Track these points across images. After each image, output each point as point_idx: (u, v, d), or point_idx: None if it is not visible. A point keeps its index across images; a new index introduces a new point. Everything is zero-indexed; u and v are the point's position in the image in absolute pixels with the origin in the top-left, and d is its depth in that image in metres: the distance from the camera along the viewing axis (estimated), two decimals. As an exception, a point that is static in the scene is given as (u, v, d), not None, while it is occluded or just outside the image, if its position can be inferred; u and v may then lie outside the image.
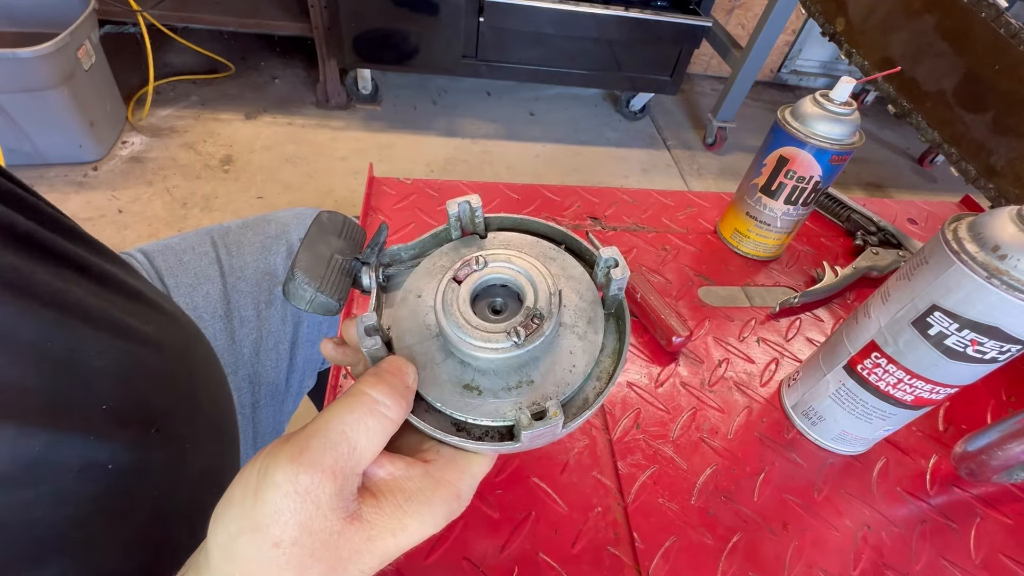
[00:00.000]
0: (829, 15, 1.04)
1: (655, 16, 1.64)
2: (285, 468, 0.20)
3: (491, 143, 1.88)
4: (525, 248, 0.33)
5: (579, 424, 0.28)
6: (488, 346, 0.27)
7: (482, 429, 0.28)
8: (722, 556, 0.36)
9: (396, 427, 0.24)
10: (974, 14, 0.72)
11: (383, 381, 0.24)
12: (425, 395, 0.28)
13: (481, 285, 0.30)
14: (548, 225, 0.34)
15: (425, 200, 0.58)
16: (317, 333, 0.61)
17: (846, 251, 0.62)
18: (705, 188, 1.92)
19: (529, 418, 0.26)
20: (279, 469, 0.20)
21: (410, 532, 0.22)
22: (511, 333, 0.27)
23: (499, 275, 0.30)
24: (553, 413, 0.26)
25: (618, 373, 0.29)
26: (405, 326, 0.30)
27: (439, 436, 0.27)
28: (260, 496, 0.20)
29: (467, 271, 0.29)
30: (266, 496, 0.20)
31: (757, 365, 0.48)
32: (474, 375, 0.28)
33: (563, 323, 0.30)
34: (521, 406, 0.27)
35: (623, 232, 0.59)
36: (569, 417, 0.28)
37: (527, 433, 0.25)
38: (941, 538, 0.39)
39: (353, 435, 0.21)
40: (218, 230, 0.60)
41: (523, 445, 0.27)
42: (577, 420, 0.28)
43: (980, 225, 0.30)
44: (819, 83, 2.56)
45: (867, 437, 0.41)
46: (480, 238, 0.33)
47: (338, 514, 0.20)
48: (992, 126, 0.70)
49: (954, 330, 0.31)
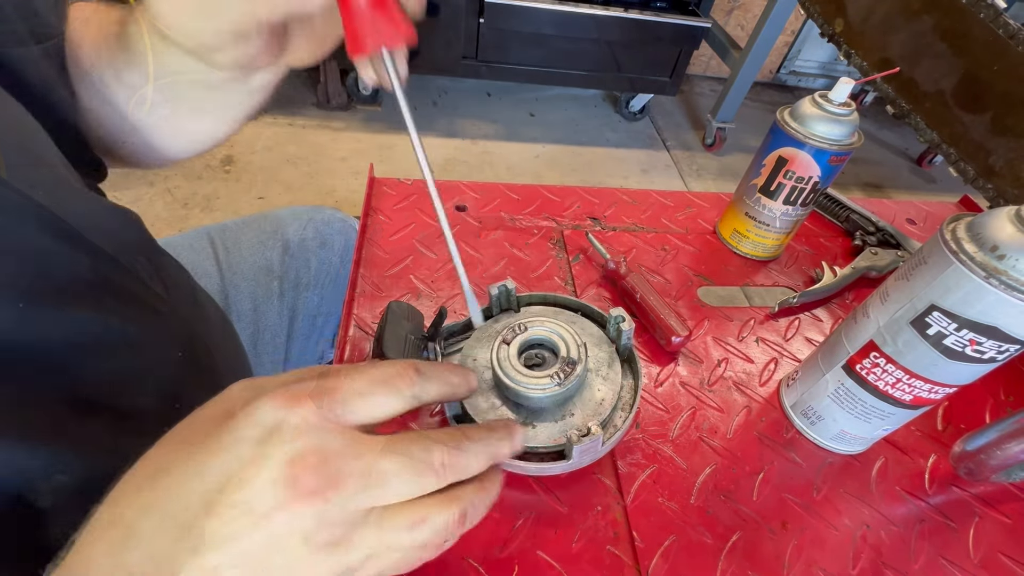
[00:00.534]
0: (828, 16, 1.05)
1: (654, 17, 1.65)
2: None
3: (491, 144, 1.88)
4: (551, 316, 0.41)
5: (614, 443, 0.37)
6: (538, 387, 0.35)
7: (538, 456, 0.36)
8: (721, 555, 0.36)
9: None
10: (973, 15, 0.72)
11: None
12: None
13: (524, 344, 0.38)
14: (567, 298, 0.44)
15: (425, 201, 0.58)
16: (312, 327, 0.62)
17: (845, 251, 0.62)
18: (704, 188, 1.92)
19: (577, 437, 0.33)
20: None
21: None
22: (554, 377, 0.35)
23: (537, 336, 0.38)
24: (595, 431, 0.34)
25: (637, 402, 0.38)
26: None
27: (506, 465, 0.34)
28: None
29: (512, 335, 0.38)
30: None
31: (756, 365, 0.48)
32: (527, 414, 0.37)
33: (589, 369, 0.39)
34: (567, 432, 0.35)
35: (623, 232, 0.60)
36: (606, 438, 0.36)
37: (577, 448, 0.33)
38: (940, 537, 0.39)
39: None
40: (216, 228, 0.60)
41: (573, 463, 0.35)
42: (612, 440, 0.36)
43: (979, 225, 0.30)
44: (818, 84, 2.56)
45: (866, 436, 0.41)
46: (515, 312, 0.43)
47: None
48: (991, 126, 0.70)
49: (953, 330, 0.31)
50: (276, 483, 0.20)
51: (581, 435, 0.34)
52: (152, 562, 0.20)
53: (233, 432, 0.21)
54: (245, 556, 0.20)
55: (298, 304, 0.60)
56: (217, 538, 0.20)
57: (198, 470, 0.21)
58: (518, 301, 0.43)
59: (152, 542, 0.20)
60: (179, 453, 0.22)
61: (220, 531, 0.20)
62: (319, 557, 0.21)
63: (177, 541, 0.20)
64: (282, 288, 0.59)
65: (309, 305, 0.61)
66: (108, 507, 0.21)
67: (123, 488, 0.21)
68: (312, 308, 0.61)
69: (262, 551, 0.20)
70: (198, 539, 0.20)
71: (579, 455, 0.34)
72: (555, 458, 0.35)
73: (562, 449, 0.35)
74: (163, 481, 0.21)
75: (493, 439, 0.27)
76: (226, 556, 0.20)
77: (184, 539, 0.20)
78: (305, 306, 0.61)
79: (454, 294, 0.50)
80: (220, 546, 0.20)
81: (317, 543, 0.21)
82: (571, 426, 0.36)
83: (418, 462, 0.23)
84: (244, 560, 0.20)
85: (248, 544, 0.20)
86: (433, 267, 0.52)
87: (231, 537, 0.20)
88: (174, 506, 0.20)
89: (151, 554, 0.20)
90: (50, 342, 0.27)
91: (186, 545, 0.20)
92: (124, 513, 0.20)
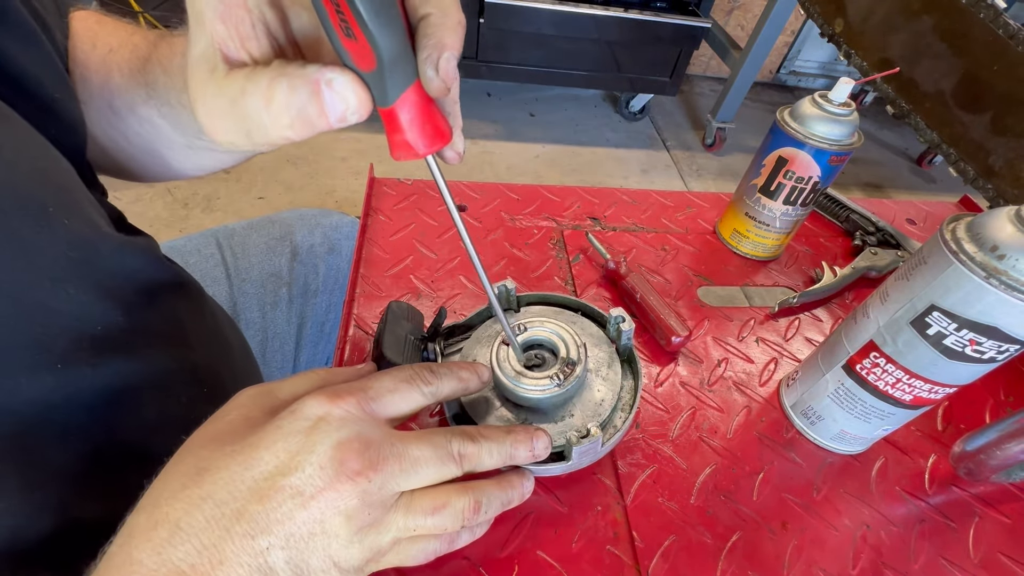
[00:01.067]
0: (828, 16, 1.05)
1: (654, 17, 1.65)
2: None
3: (491, 144, 1.88)
4: (551, 316, 0.41)
5: (614, 444, 0.37)
6: (537, 388, 0.35)
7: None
8: (721, 555, 0.36)
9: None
10: (973, 15, 0.72)
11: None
12: None
13: (524, 345, 0.38)
14: (567, 298, 0.44)
15: (425, 200, 0.58)
16: (320, 334, 0.61)
17: (845, 251, 0.62)
18: (704, 189, 1.92)
19: (577, 439, 0.33)
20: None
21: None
22: (553, 378, 0.35)
23: (536, 336, 0.38)
24: (594, 432, 0.33)
25: (637, 403, 0.38)
26: None
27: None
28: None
29: (512, 335, 0.36)
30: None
31: (756, 365, 0.48)
32: (527, 415, 0.37)
33: (589, 369, 0.39)
34: (567, 433, 0.35)
35: (623, 232, 0.60)
36: (605, 439, 0.35)
37: (576, 449, 0.33)
38: (940, 537, 0.39)
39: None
40: (223, 231, 0.60)
41: (573, 464, 0.35)
42: (611, 441, 0.36)
43: (978, 225, 0.30)
44: (818, 84, 2.56)
45: (866, 436, 0.41)
46: (515, 312, 0.43)
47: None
48: (990, 127, 0.70)
49: (953, 330, 0.31)
50: (323, 467, 0.23)
51: (580, 436, 0.34)
52: (201, 553, 0.21)
53: (280, 427, 0.23)
54: (291, 538, 0.22)
55: (307, 311, 0.60)
56: (268, 521, 0.22)
57: (246, 463, 0.22)
58: (518, 301, 0.43)
59: (202, 534, 0.21)
60: (218, 452, 0.23)
61: (271, 515, 0.22)
62: (356, 538, 0.24)
63: (228, 529, 0.21)
64: (291, 295, 0.59)
65: (317, 311, 0.61)
66: (147, 512, 0.22)
67: (160, 491, 0.23)
68: (320, 315, 0.61)
69: (307, 532, 0.22)
70: (250, 524, 0.22)
71: (578, 456, 0.34)
72: (554, 459, 0.35)
73: (562, 450, 0.35)
74: (209, 477, 0.22)
75: (508, 440, 0.30)
76: (276, 537, 0.22)
77: (235, 525, 0.21)
78: (314, 312, 0.61)
79: (454, 294, 0.50)
80: (270, 528, 0.22)
81: (357, 524, 0.23)
82: (570, 427, 0.36)
83: (440, 449, 0.26)
84: (290, 541, 0.22)
85: (295, 526, 0.22)
86: (433, 267, 0.52)
87: (281, 520, 0.22)
88: (224, 496, 0.22)
89: (201, 546, 0.21)
90: (84, 395, 0.28)
91: (237, 531, 0.21)
92: (169, 512, 0.22)
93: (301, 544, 0.22)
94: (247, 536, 0.21)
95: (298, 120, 0.21)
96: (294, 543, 0.22)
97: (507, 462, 0.30)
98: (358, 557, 0.24)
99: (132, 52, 0.35)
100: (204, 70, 0.22)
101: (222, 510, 0.21)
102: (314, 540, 0.23)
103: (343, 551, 0.23)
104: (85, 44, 0.36)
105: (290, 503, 0.22)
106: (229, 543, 0.21)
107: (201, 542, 0.21)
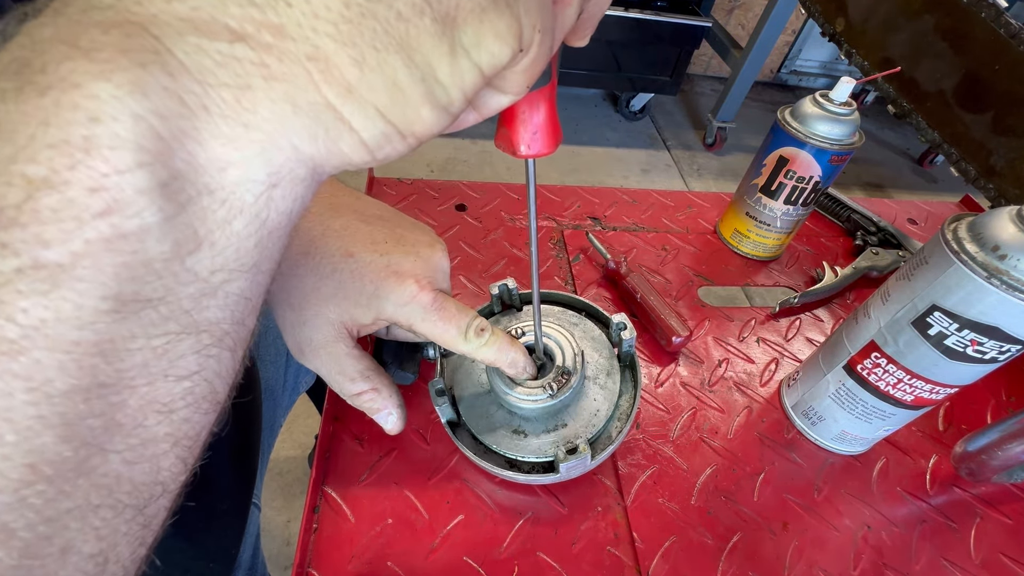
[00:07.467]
0: (829, 15, 1.05)
1: (655, 16, 1.65)
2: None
3: (491, 143, 1.87)
4: (553, 316, 0.40)
5: (606, 456, 0.35)
6: (529, 398, 0.34)
7: (529, 465, 0.35)
8: (722, 556, 0.36)
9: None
10: (974, 14, 0.72)
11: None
12: (483, 439, 0.35)
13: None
14: (571, 297, 0.42)
15: (425, 200, 0.58)
16: None
17: (846, 251, 0.62)
18: (705, 188, 1.92)
19: (565, 454, 0.33)
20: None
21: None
22: (546, 387, 0.34)
23: (533, 342, 0.36)
24: (583, 449, 0.33)
25: (634, 413, 0.36)
26: (464, 385, 0.38)
27: (496, 472, 0.34)
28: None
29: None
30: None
31: (757, 365, 0.48)
32: (520, 422, 0.36)
33: (587, 376, 0.37)
34: (559, 444, 0.34)
35: (623, 232, 0.59)
36: (597, 451, 0.34)
37: (564, 465, 0.32)
38: (941, 538, 0.39)
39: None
40: None
41: (562, 476, 0.34)
42: (603, 454, 0.35)
43: (980, 225, 0.30)
44: (819, 83, 2.56)
45: (867, 437, 0.41)
46: (517, 311, 0.42)
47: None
48: (992, 126, 0.70)
49: (954, 330, 0.31)
50: None
51: (568, 451, 0.33)
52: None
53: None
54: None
55: None
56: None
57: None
58: (520, 299, 0.42)
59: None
60: None
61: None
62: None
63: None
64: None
65: None
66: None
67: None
68: None
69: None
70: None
71: (567, 470, 0.33)
72: (545, 469, 0.34)
73: (552, 461, 0.35)
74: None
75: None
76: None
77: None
78: None
79: (454, 294, 0.50)
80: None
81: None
82: (563, 437, 0.35)
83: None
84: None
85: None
86: (433, 267, 0.52)
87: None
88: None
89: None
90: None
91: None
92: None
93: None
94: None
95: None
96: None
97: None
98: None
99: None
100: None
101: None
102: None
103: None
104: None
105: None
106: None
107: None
